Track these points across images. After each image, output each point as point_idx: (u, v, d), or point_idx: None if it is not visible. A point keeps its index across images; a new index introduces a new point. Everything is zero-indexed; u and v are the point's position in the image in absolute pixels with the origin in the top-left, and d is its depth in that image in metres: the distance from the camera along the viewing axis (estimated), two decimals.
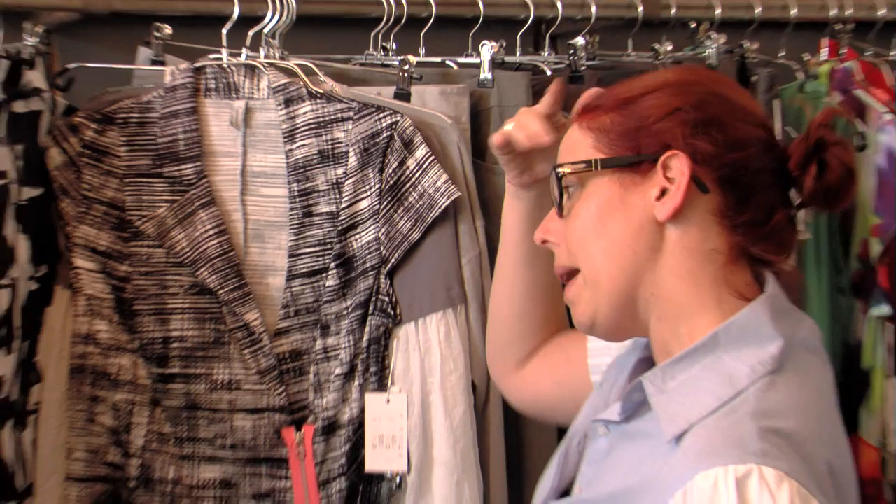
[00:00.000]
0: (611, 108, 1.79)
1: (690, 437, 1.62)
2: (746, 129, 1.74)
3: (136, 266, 2.58)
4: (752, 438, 1.57)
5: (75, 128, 2.55)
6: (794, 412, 1.65)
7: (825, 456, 1.63)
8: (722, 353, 1.68)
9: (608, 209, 1.76)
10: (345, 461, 2.57)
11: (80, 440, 2.57)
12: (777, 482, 1.52)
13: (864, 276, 2.94)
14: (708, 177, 1.70)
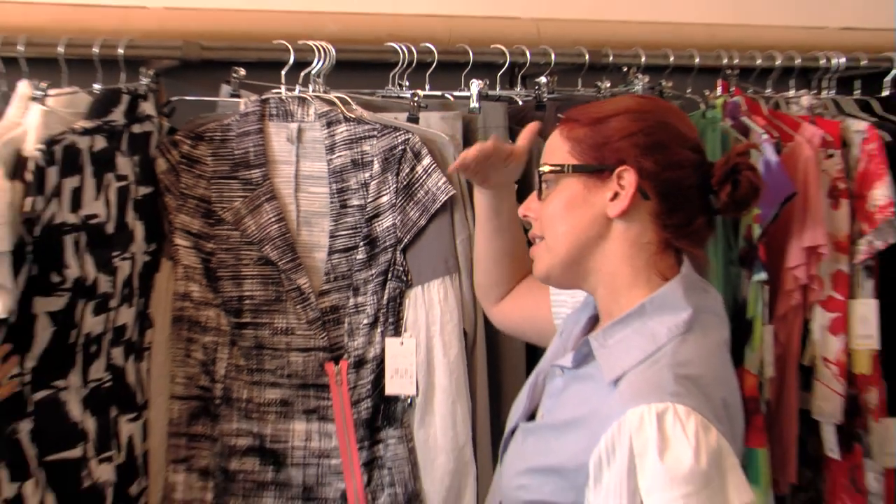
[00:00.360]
0: (585, 123, 1.95)
1: (624, 382, 1.79)
2: (683, 153, 1.90)
3: (218, 244, 2.76)
4: (669, 383, 1.75)
5: (176, 143, 2.74)
6: (700, 362, 1.82)
7: (721, 394, 1.81)
8: (647, 318, 1.86)
9: (572, 202, 1.94)
10: (370, 387, 2.75)
11: (180, 370, 2.76)
12: (686, 415, 1.71)
13: (748, 251, 2.96)
14: (649, 188, 1.88)
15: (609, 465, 1.75)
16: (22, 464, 2.47)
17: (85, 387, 2.59)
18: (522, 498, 1.94)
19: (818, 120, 3.22)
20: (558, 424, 1.93)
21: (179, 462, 2.79)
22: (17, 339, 2.46)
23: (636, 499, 1.71)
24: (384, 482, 2.78)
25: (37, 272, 2.46)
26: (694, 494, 1.68)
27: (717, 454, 1.72)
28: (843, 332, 3.14)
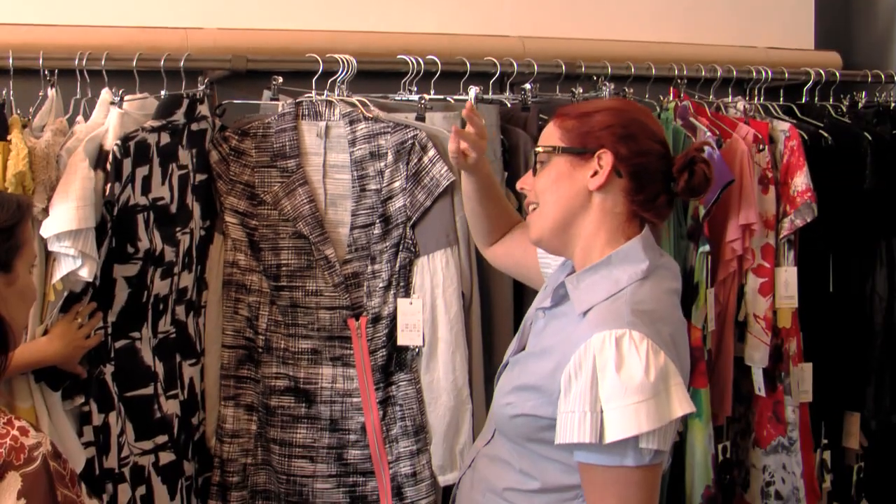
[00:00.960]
0: (573, 117, 1.99)
1: (591, 314, 1.85)
2: (651, 144, 1.94)
3: (260, 221, 2.75)
4: (627, 314, 1.80)
5: (226, 138, 2.74)
6: (652, 302, 1.86)
7: (669, 330, 1.85)
8: (613, 267, 1.91)
9: (560, 177, 1.97)
10: (385, 339, 2.74)
11: (229, 324, 2.78)
12: (640, 339, 1.77)
13: (695, 228, 2.99)
14: (623, 168, 1.92)
15: (577, 379, 1.79)
16: (107, 399, 2.54)
17: (155, 337, 2.63)
18: (509, 413, 1.96)
19: (751, 121, 3.25)
20: (538, 351, 1.97)
21: (229, 399, 2.80)
22: (101, 299, 2.51)
23: (597, 405, 1.76)
24: (396, 416, 2.78)
25: (115, 244, 2.50)
26: (643, 402, 1.73)
27: (665, 372, 1.77)
28: (770, 293, 3.18)
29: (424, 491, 2.78)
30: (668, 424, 1.77)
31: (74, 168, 2.41)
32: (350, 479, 2.81)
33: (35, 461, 1.58)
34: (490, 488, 2.03)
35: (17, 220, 1.76)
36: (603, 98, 2.05)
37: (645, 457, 1.77)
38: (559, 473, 1.90)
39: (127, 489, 2.59)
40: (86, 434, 2.51)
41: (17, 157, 2.35)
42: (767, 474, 3.26)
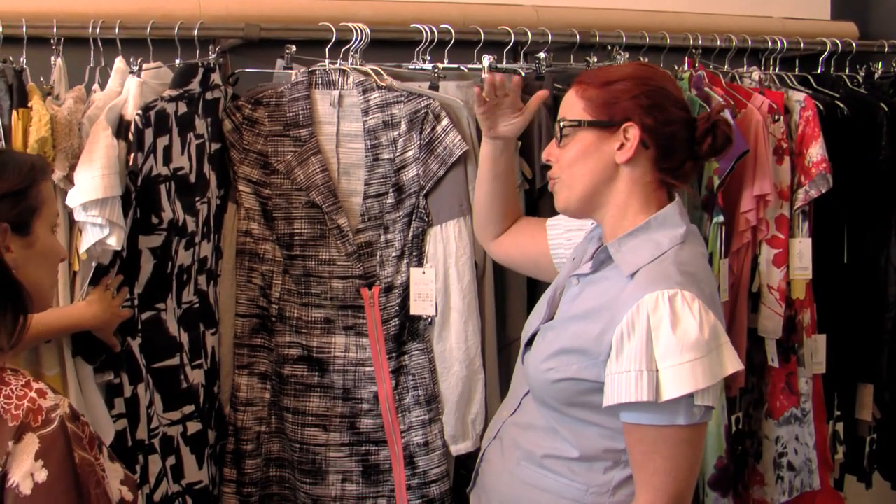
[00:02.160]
0: (596, 86, 1.97)
1: (639, 275, 1.87)
2: (675, 112, 1.94)
3: (273, 190, 2.75)
4: (676, 275, 1.83)
5: (239, 107, 2.74)
6: (694, 263, 1.90)
7: (710, 289, 1.90)
8: (652, 232, 1.92)
9: (587, 151, 1.97)
10: (398, 308, 2.75)
11: (243, 293, 2.78)
12: (692, 299, 1.80)
13: (709, 198, 2.99)
14: (649, 139, 1.93)
15: (630, 339, 1.80)
16: (136, 370, 2.55)
17: (179, 308, 2.65)
18: (551, 378, 1.96)
19: (766, 91, 3.23)
20: (579, 314, 1.96)
21: (243, 368, 2.80)
22: (128, 271, 2.52)
23: (653, 364, 1.78)
24: (409, 386, 2.79)
25: (139, 216, 2.51)
26: (699, 359, 1.77)
27: (716, 330, 1.81)
28: (784, 264, 3.17)
29: (436, 460, 2.79)
30: (719, 382, 1.82)
31: (97, 136, 2.40)
32: (363, 447, 2.82)
33: (52, 423, 1.59)
34: (526, 456, 2.03)
35: (31, 182, 1.75)
36: (623, 63, 1.99)
37: (696, 415, 1.80)
38: (599, 438, 1.92)
39: (158, 460, 2.61)
40: (117, 406, 2.53)
41: (40, 122, 2.35)
42: (780, 445, 3.26)
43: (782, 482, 3.28)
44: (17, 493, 1.55)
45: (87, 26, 2.61)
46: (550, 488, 1.99)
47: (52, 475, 1.56)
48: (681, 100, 1.98)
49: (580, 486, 1.95)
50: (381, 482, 2.83)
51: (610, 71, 2.01)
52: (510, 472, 2.07)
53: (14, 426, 1.57)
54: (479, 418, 2.79)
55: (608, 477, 1.93)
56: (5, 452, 1.56)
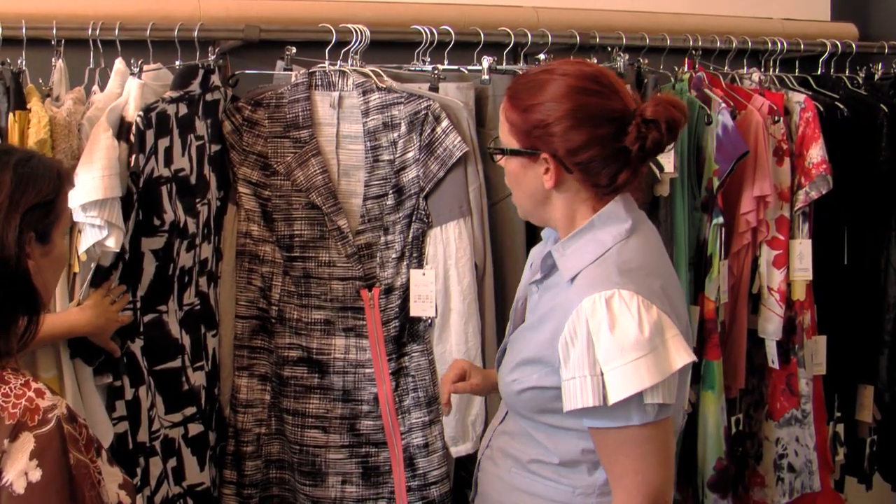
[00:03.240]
0: (517, 109, 1.90)
1: (579, 279, 1.84)
2: (596, 130, 1.83)
3: (273, 191, 2.75)
4: (614, 274, 1.80)
5: (239, 109, 2.74)
6: (638, 258, 1.85)
7: (660, 283, 1.84)
8: (597, 230, 1.88)
9: (516, 176, 1.94)
10: (398, 310, 2.75)
11: (242, 294, 2.78)
12: (629, 297, 1.76)
13: (709, 200, 3.00)
14: (570, 165, 1.85)
15: (573, 345, 1.79)
16: (137, 373, 2.55)
17: (181, 310, 2.65)
18: (516, 389, 1.95)
19: (766, 92, 3.24)
20: (534, 323, 1.96)
21: (243, 369, 2.81)
22: (130, 274, 2.52)
23: (596, 368, 1.75)
24: (409, 388, 2.79)
25: (142, 217, 2.50)
26: (642, 358, 1.73)
27: (659, 326, 1.77)
28: (785, 266, 3.18)
29: (437, 462, 2.79)
30: (670, 377, 1.77)
31: (98, 137, 2.40)
32: (363, 449, 2.81)
33: (49, 423, 1.59)
34: (515, 462, 2.03)
35: (59, 191, 1.74)
36: (551, 75, 1.90)
37: (650, 413, 1.77)
38: (575, 440, 1.90)
39: (158, 462, 2.61)
40: (118, 409, 2.52)
41: (38, 124, 2.35)
42: (780, 447, 3.27)
43: (783, 483, 3.29)
44: (10, 492, 1.55)
45: (86, 28, 2.62)
46: (540, 492, 1.98)
47: (47, 475, 1.56)
48: (607, 112, 1.85)
49: (567, 488, 1.94)
50: (381, 484, 2.82)
51: (531, 90, 1.90)
52: (502, 479, 2.06)
53: (10, 424, 1.57)
54: (479, 420, 2.79)
55: (593, 479, 1.92)
56: (0, 450, 1.56)
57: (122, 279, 2.52)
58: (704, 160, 3.06)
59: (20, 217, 1.65)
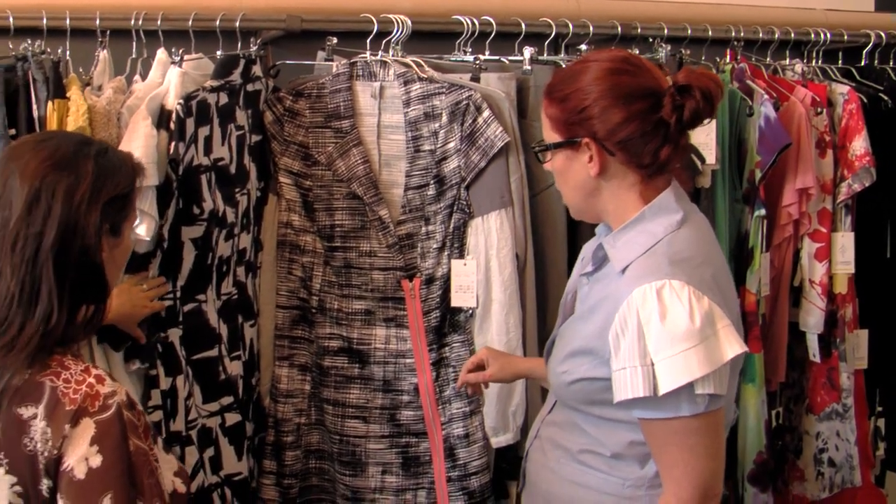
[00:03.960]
0: (555, 102, 1.91)
1: (629, 270, 1.84)
2: (632, 108, 1.83)
3: (314, 182, 2.76)
4: (665, 265, 1.79)
5: (280, 99, 2.75)
6: (689, 248, 1.85)
7: (710, 272, 1.83)
8: (647, 222, 1.88)
9: (563, 170, 1.94)
10: (439, 300, 2.76)
11: (283, 284, 2.79)
12: (680, 287, 1.76)
13: (750, 192, 2.98)
14: (610, 147, 1.86)
15: (624, 336, 1.79)
16: (175, 362, 2.56)
17: (219, 299, 2.66)
18: (566, 381, 1.95)
19: (809, 84, 3.22)
20: (584, 314, 1.96)
21: (283, 359, 2.82)
22: (170, 263, 2.53)
23: (647, 359, 1.75)
24: (449, 378, 2.79)
25: (182, 206, 2.51)
26: (692, 348, 1.73)
27: (710, 316, 1.76)
28: (827, 258, 3.17)
29: (477, 452, 2.79)
30: (721, 368, 1.77)
31: (136, 126, 2.41)
32: (403, 439, 2.82)
33: (109, 409, 1.61)
34: (565, 453, 2.03)
35: (133, 185, 1.77)
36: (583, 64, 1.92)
37: (700, 404, 1.77)
38: (624, 432, 1.90)
39: (194, 451, 2.62)
40: (153, 398, 2.53)
41: (77, 112, 2.37)
42: (821, 441, 3.25)
43: (822, 478, 3.28)
44: (71, 477, 1.57)
45: (129, 18, 2.64)
46: (590, 484, 1.98)
47: (107, 461, 1.58)
48: (639, 88, 1.86)
49: (617, 480, 1.94)
50: (420, 474, 2.83)
51: (565, 81, 1.93)
52: (552, 470, 2.06)
53: (71, 410, 1.59)
54: (519, 410, 2.78)
55: (644, 471, 1.92)
56: (62, 436, 1.58)
57: (161, 267, 2.53)
58: (746, 152, 3.04)
59: (101, 208, 1.67)
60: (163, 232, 2.48)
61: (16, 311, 1.61)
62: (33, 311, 1.61)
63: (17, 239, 1.62)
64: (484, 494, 2.81)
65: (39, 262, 1.62)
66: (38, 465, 1.59)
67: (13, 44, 2.51)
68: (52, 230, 1.62)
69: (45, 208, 1.63)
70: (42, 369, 1.63)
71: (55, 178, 1.64)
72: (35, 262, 1.61)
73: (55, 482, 1.59)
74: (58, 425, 1.59)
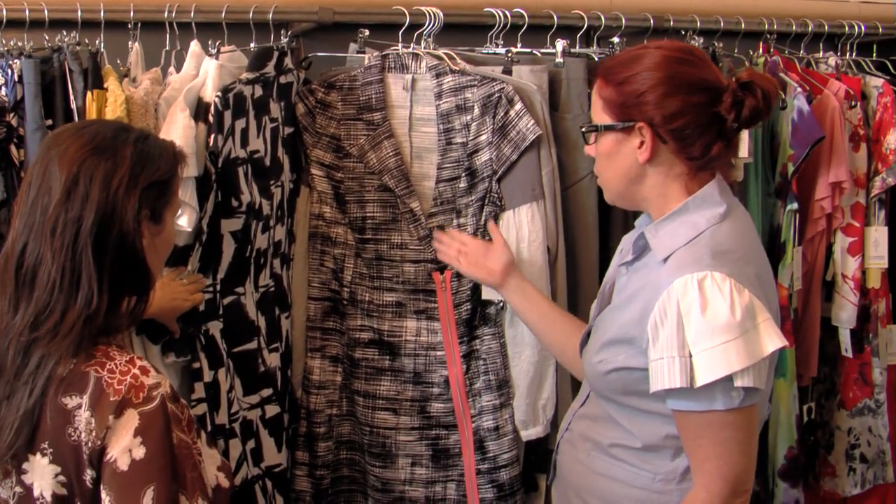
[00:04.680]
0: (611, 84, 1.93)
1: (671, 259, 1.85)
2: (690, 98, 1.85)
3: (346, 174, 2.77)
4: (707, 257, 1.80)
5: (312, 91, 2.75)
6: (731, 242, 1.86)
7: (753, 268, 1.85)
8: (690, 213, 1.89)
9: (609, 154, 1.96)
10: (469, 293, 2.75)
11: (315, 276, 2.80)
12: (722, 280, 1.77)
13: (783, 185, 2.99)
14: (664, 134, 1.87)
15: (663, 326, 1.79)
16: (216, 355, 2.57)
17: (257, 292, 2.67)
18: (602, 370, 1.96)
19: (843, 77, 3.21)
20: (622, 303, 1.96)
21: (315, 351, 2.83)
22: (210, 256, 2.54)
23: (685, 350, 1.76)
24: (480, 370, 2.79)
25: (220, 198, 2.52)
26: (732, 341, 1.73)
27: (751, 310, 1.77)
28: (860, 253, 3.17)
29: (507, 445, 2.79)
30: (760, 362, 1.77)
31: (174, 117, 2.42)
32: (433, 431, 2.83)
33: (153, 401, 1.61)
34: (595, 446, 2.04)
35: (174, 172, 1.77)
36: (644, 49, 1.94)
37: (735, 399, 1.77)
38: (658, 425, 1.91)
39: (238, 444, 2.63)
40: (196, 391, 2.54)
41: (115, 103, 2.39)
42: (852, 437, 3.25)
43: (854, 474, 3.27)
44: (114, 468, 1.58)
45: (163, 10, 2.66)
46: (620, 477, 1.99)
47: (150, 453, 1.58)
48: (701, 80, 1.89)
49: (648, 473, 1.95)
50: (450, 466, 2.84)
51: (624, 64, 1.94)
52: (582, 463, 2.07)
53: (115, 401, 1.60)
54: (549, 403, 2.79)
55: (675, 464, 1.92)
56: (105, 426, 1.59)
57: (202, 261, 2.54)
58: (779, 145, 3.04)
59: (139, 194, 1.67)
60: (202, 225, 2.49)
61: (57, 296, 1.62)
62: (75, 297, 1.62)
63: (57, 224, 1.63)
64: (513, 487, 2.81)
65: (79, 247, 1.62)
66: (82, 456, 1.60)
67: (48, 36, 2.53)
68: (90, 215, 1.63)
69: (83, 193, 1.63)
70: (87, 359, 1.63)
71: (93, 162, 1.65)
72: (74, 248, 1.62)
73: (98, 473, 1.59)
74: (102, 416, 1.59)
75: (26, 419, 1.61)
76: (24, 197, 1.69)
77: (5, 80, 2.40)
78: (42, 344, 1.62)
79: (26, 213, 1.66)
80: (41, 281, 1.63)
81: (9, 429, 1.61)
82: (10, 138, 2.40)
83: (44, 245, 1.63)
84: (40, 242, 1.63)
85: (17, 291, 1.65)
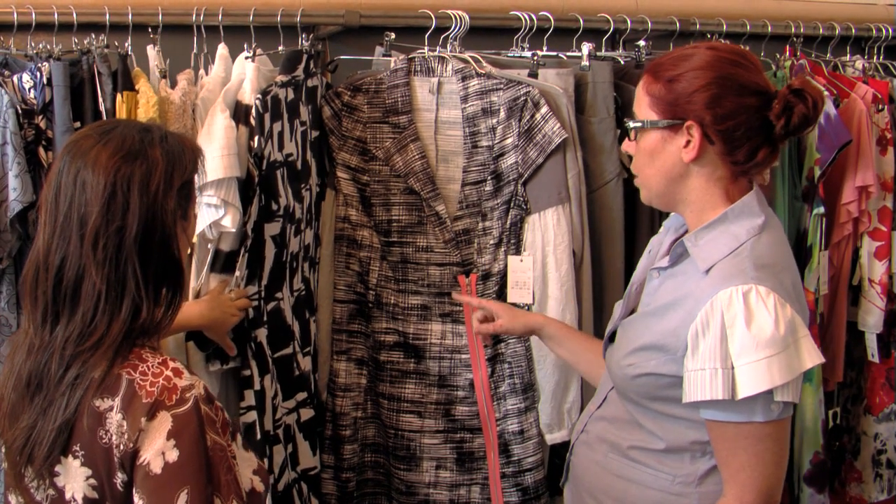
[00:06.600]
0: (661, 81, 1.91)
1: (714, 270, 1.83)
2: (741, 101, 1.84)
3: (372, 177, 2.79)
4: (750, 269, 1.79)
5: (338, 94, 2.78)
6: (772, 254, 1.85)
7: (790, 279, 1.85)
8: (730, 223, 1.88)
9: (654, 151, 1.93)
10: (495, 296, 2.77)
11: (341, 279, 2.82)
12: (766, 294, 1.76)
13: (810, 189, 3.00)
14: (713, 135, 1.86)
15: (704, 336, 1.79)
16: (264, 362, 2.58)
17: (291, 296, 2.69)
18: (631, 374, 1.95)
19: (870, 80, 3.21)
20: (657, 309, 1.95)
21: (341, 353, 2.86)
22: (255, 262, 2.55)
23: (728, 362, 1.76)
24: (505, 374, 2.81)
25: (263, 202, 2.53)
26: (775, 356, 1.74)
27: (793, 325, 1.77)
28: (887, 257, 3.16)
29: (532, 449, 2.81)
30: (798, 376, 1.78)
31: (214, 119, 2.45)
32: (457, 434, 2.85)
33: (187, 403, 1.59)
34: (613, 448, 2.05)
35: (196, 168, 1.76)
36: (696, 49, 1.93)
37: (774, 411, 1.78)
38: (685, 430, 1.91)
39: (281, 450, 2.65)
40: (247, 398, 2.55)
41: (147, 104, 2.41)
42: (879, 442, 3.25)
43: (881, 480, 3.27)
44: (147, 471, 1.55)
45: (190, 13, 2.68)
46: (637, 479, 2.00)
47: (184, 455, 1.56)
48: (752, 84, 1.88)
49: (667, 476, 1.95)
50: (475, 470, 2.86)
51: (676, 63, 1.92)
52: (598, 464, 2.08)
53: (148, 403, 1.57)
54: (574, 407, 2.81)
55: (694, 467, 1.93)
56: (138, 429, 1.56)
57: (248, 266, 2.55)
58: (805, 149, 3.04)
59: (175, 194, 1.67)
60: (246, 229, 2.51)
61: (103, 308, 1.60)
62: (120, 307, 1.60)
63: (99, 237, 1.60)
64: (538, 491, 2.83)
65: (123, 256, 1.60)
66: (114, 459, 1.58)
67: (77, 39, 2.55)
68: (133, 223, 1.61)
69: (123, 202, 1.61)
70: (122, 362, 1.61)
71: (127, 170, 1.62)
72: (118, 258, 1.60)
73: (130, 476, 1.57)
74: (134, 418, 1.56)
75: (63, 428, 1.59)
76: (51, 207, 1.65)
77: (34, 83, 2.42)
78: (86, 356, 1.60)
79: (60, 224, 1.63)
80: (86, 294, 1.61)
81: (46, 439, 1.60)
82: (39, 140, 2.42)
83: (85, 258, 1.60)
84: (80, 256, 1.61)
85: (56, 305, 1.63)
